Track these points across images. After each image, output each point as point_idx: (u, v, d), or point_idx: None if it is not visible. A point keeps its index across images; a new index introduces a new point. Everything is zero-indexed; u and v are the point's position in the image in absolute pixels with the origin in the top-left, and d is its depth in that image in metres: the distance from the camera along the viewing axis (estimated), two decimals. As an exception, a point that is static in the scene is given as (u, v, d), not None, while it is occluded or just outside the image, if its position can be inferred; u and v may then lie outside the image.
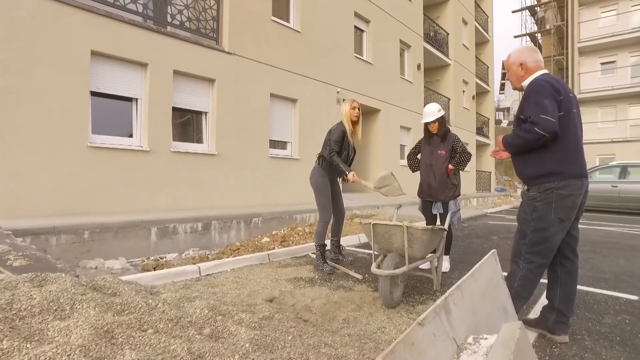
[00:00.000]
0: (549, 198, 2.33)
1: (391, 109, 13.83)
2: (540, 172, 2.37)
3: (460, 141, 4.31)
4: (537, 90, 2.33)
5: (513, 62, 2.56)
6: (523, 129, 2.32)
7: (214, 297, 2.98)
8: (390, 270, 2.96)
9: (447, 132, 4.30)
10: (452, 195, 4.20)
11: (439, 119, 4.21)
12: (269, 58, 9.25)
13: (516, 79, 2.55)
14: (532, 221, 2.39)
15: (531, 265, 2.41)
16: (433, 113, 4.21)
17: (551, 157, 2.34)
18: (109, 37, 6.50)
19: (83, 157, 6.19)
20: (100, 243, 5.41)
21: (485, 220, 9.39)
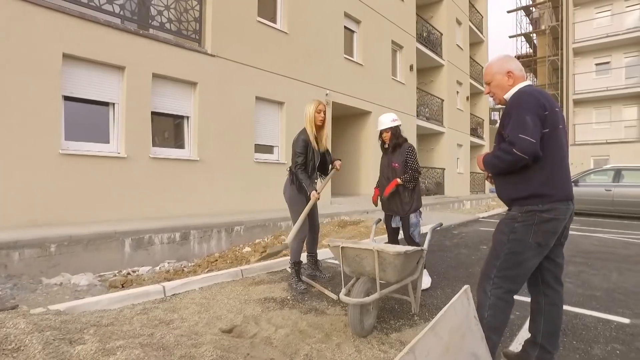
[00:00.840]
0: (529, 220, 2.12)
1: (383, 111, 13.55)
2: (523, 194, 2.15)
3: (413, 155, 4.03)
4: (518, 104, 2.11)
5: (498, 71, 2.31)
6: (501, 149, 2.10)
7: (164, 329, 2.73)
8: (360, 297, 2.72)
9: (399, 144, 4.07)
10: (409, 210, 3.98)
11: (391, 128, 4.03)
12: (254, 60, 8.99)
13: (502, 89, 2.30)
14: (508, 242, 2.16)
15: (499, 291, 2.16)
16: (385, 122, 4.05)
17: (535, 178, 2.12)
18: (82, 40, 6.23)
19: (54, 165, 5.92)
20: (69, 257, 5.14)
21: (476, 226, 9.17)
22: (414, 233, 3.96)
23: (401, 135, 4.11)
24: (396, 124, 4.05)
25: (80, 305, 3.18)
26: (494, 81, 2.32)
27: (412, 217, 3.97)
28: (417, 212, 4.01)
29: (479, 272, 4.68)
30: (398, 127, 4.08)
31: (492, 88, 2.35)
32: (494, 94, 2.35)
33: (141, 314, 3.11)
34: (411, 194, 4.00)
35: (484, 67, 2.51)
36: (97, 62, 6.47)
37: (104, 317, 2.93)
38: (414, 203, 3.99)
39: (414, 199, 3.98)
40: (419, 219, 4.00)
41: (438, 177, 17.95)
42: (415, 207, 3.99)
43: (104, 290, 4.49)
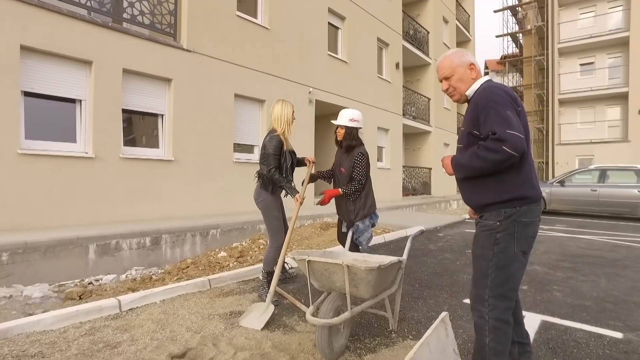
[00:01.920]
0: (510, 228, 1.94)
1: (368, 109, 13.34)
2: (502, 197, 1.95)
3: (362, 164, 3.64)
4: (496, 100, 1.90)
5: (459, 63, 2.10)
6: (486, 148, 1.86)
7: (106, 355, 2.40)
8: (328, 317, 2.43)
9: (352, 148, 3.74)
10: (354, 218, 3.71)
11: (347, 128, 3.72)
12: (233, 56, 8.64)
13: (465, 83, 2.09)
14: (493, 257, 1.95)
15: (497, 312, 1.94)
16: (344, 118, 3.72)
17: (513, 180, 1.94)
18: (42, 31, 5.81)
19: (12, 166, 5.50)
20: (25, 266, 4.75)
21: (462, 227, 8.96)
22: (360, 240, 3.69)
23: (357, 138, 3.76)
24: (354, 125, 3.71)
25: (15, 326, 2.82)
26: (455, 75, 2.10)
27: (358, 224, 3.70)
28: (364, 219, 3.72)
29: (464, 279, 4.48)
30: (355, 129, 3.74)
31: (452, 82, 2.11)
32: (454, 88, 2.12)
33: (86, 335, 2.77)
34: (356, 203, 3.71)
35: (438, 61, 2.21)
36: (61, 55, 6.06)
37: (38, 342, 2.59)
38: (360, 212, 3.70)
39: (360, 207, 3.70)
40: (367, 225, 3.72)
41: (425, 176, 17.80)
42: (362, 215, 3.70)
43: (58, 303, 4.12)
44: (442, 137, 19.28)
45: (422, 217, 10.53)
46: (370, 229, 3.75)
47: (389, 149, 14.85)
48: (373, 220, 3.80)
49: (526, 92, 28.29)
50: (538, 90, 27.11)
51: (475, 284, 2.02)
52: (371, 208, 3.75)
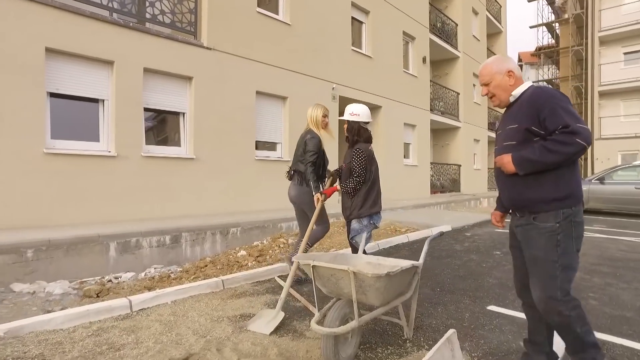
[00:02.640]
0: (568, 228, 2.03)
1: (393, 105, 13.03)
2: (560, 194, 2.03)
3: (359, 160, 3.54)
4: (558, 97, 2.03)
5: (498, 70, 2.22)
6: (559, 142, 1.93)
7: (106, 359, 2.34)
8: (334, 325, 2.28)
9: (355, 142, 3.69)
10: (349, 215, 3.62)
11: (348, 122, 3.68)
12: (253, 53, 8.58)
13: (504, 90, 2.21)
14: (559, 259, 2.03)
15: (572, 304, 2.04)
16: (347, 113, 3.69)
17: (569, 177, 2.05)
18: (66, 33, 5.92)
19: (38, 165, 5.64)
20: (48, 262, 4.85)
21: (491, 227, 8.56)
22: (356, 239, 3.56)
23: (359, 133, 3.67)
24: (354, 119, 3.63)
25: (27, 325, 2.83)
26: (493, 81, 2.22)
27: (353, 223, 3.58)
28: (361, 218, 3.55)
29: (489, 284, 4.20)
30: (357, 123, 3.65)
31: (491, 88, 2.25)
32: (493, 94, 2.25)
33: (93, 336, 2.74)
34: (354, 200, 3.57)
35: (480, 68, 2.31)
36: (84, 56, 6.16)
37: (45, 342, 2.57)
38: (355, 209, 3.54)
39: (356, 205, 3.54)
40: (362, 226, 3.55)
41: (454, 173, 17.27)
42: (357, 213, 3.54)
43: (76, 301, 4.17)
44: (472, 133, 18.64)
45: (449, 216, 10.17)
46: (369, 231, 3.54)
47: (416, 145, 14.46)
48: (373, 221, 3.60)
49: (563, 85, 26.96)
50: (576, 83, 25.78)
51: (544, 287, 2.05)
52: (371, 208, 3.55)
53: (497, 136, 2.33)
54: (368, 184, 3.57)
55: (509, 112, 2.23)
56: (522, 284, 2.27)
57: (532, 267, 2.10)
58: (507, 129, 2.17)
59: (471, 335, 2.91)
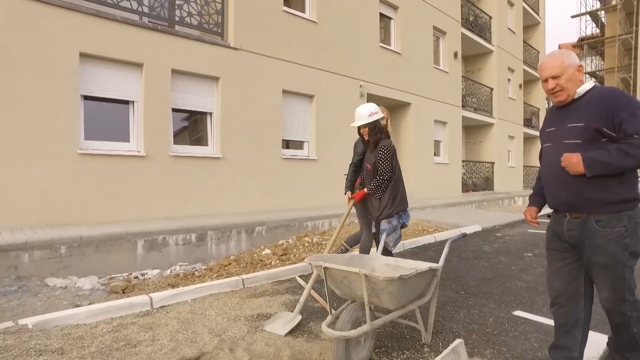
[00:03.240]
0: (633, 230, 2.01)
1: (423, 102, 12.74)
2: (626, 196, 2.01)
3: (385, 158, 3.47)
4: (635, 101, 2.01)
5: (570, 64, 2.11)
6: (635, 146, 1.90)
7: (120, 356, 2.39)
8: (346, 329, 2.22)
9: (379, 141, 3.56)
10: (379, 216, 3.51)
11: (369, 124, 3.52)
12: (280, 52, 8.61)
13: (575, 84, 2.11)
14: (627, 262, 2.02)
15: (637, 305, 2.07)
16: (363, 116, 3.52)
17: (632, 179, 2.05)
18: (99, 38, 6.15)
19: (72, 165, 5.89)
20: (80, 258, 5.06)
21: (524, 227, 8.20)
22: (387, 240, 3.45)
23: (382, 130, 3.61)
24: (375, 118, 3.52)
25: (54, 319, 2.95)
26: (565, 74, 2.09)
27: (382, 224, 3.48)
28: (390, 218, 3.47)
29: (517, 287, 4.01)
30: (378, 121, 3.56)
31: (562, 82, 2.11)
32: (562, 88, 2.11)
33: (113, 332, 2.81)
34: (382, 199, 3.49)
35: (546, 60, 2.19)
36: (115, 60, 6.38)
37: (68, 336, 2.67)
38: (384, 209, 3.46)
39: (386, 205, 3.46)
40: (393, 225, 3.47)
41: (487, 171, 16.72)
42: (387, 213, 3.46)
43: (103, 296, 4.32)
44: (506, 129, 17.97)
45: (480, 215, 9.83)
46: (399, 230, 3.47)
47: (447, 142, 14.09)
48: (403, 220, 3.52)
49: (607, 77, 25.53)
50: (623, 74, 24.33)
51: (614, 290, 2.04)
52: (399, 206, 3.49)
53: (550, 133, 2.23)
54: (393, 181, 3.50)
55: (569, 110, 2.14)
56: (564, 286, 2.21)
57: (599, 272, 2.06)
58: (568, 127, 2.09)
59: (493, 341, 2.77)
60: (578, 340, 2.19)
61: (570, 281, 2.18)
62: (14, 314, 3.68)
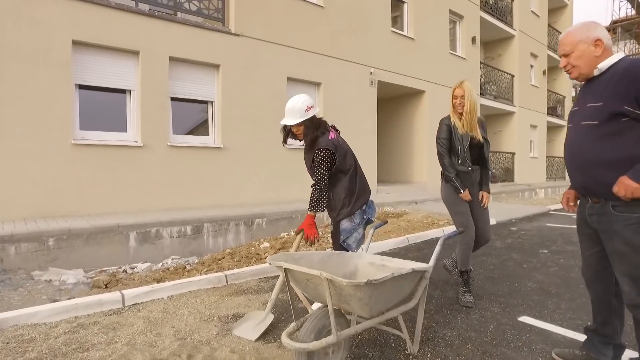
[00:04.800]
0: None
1: (439, 89, 12.20)
2: None
3: (321, 164, 2.81)
4: None
5: (582, 39, 1.96)
6: None
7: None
8: (308, 339, 1.92)
9: (316, 140, 2.85)
10: (337, 216, 2.95)
11: (304, 122, 2.84)
12: (284, 38, 8.28)
13: (587, 61, 1.96)
14: None
15: None
16: (297, 112, 2.82)
17: None
18: (92, 25, 5.96)
19: (67, 156, 5.76)
20: (69, 251, 4.91)
21: (543, 220, 7.69)
22: (348, 242, 2.96)
23: (320, 125, 2.91)
24: (312, 113, 2.87)
25: (12, 317, 2.76)
26: (575, 51, 1.98)
27: (343, 223, 2.94)
28: (351, 216, 2.93)
29: (527, 288, 3.62)
30: (314, 117, 2.90)
31: (572, 60, 2.00)
32: (573, 66, 2.01)
33: (70, 333, 2.60)
34: (334, 199, 2.94)
35: (560, 36, 2.08)
36: (110, 47, 6.19)
37: (18, 337, 2.47)
38: (342, 209, 2.92)
39: (342, 204, 2.92)
40: (355, 224, 2.96)
41: (507, 162, 16.02)
42: (345, 212, 2.91)
43: (85, 291, 4.15)
44: (528, 118, 17.15)
45: (495, 208, 9.32)
46: (361, 229, 3.00)
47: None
48: (367, 215, 3.01)
49: (640, 63, 24.03)
50: (655, 60, 22.85)
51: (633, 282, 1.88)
52: (359, 200, 2.94)
53: (574, 113, 2.10)
54: (346, 178, 2.94)
55: (590, 88, 1.99)
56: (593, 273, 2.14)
57: (618, 262, 1.92)
58: (588, 107, 1.95)
59: (491, 353, 2.42)
60: (618, 328, 2.13)
61: (600, 269, 2.09)
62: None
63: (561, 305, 3.22)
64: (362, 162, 3.70)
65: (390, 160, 12.88)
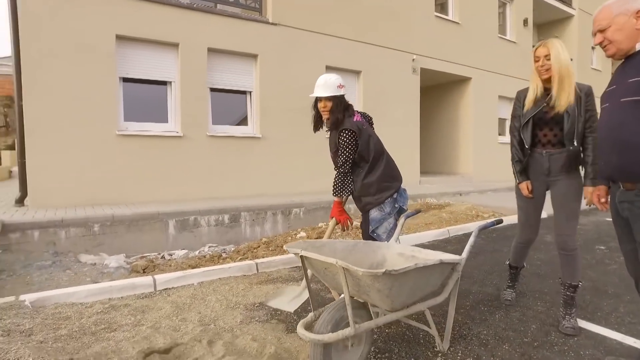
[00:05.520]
0: None
1: (486, 76, 11.56)
2: None
3: (347, 146, 2.65)
4: None
5: (622, 12, 1.79)
6: None
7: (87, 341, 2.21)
8: (325, 331, 1.82)
9: (340, 122, 2.68)
10: (365, 206, 2.77)
11: (334, 97, 2.67)
12: (323, 26, 8.14)
13: (628, 35, 1.78)
14: None
15: None
16: (329, 86, 2.66)
17: None
18: (134, 19, 6.15)
19: (111, 146, 6.01)
20: (112, 237, 5.14)
21: (601, 215, 7.04)
22: (378, 232, 2.77)
23: (348, 107, 2.75)
24: (343, 92, 2.72)
25: (53, 296, 2.89)
26: (613, 25, 1.81)
27: (372, 212, 2.76)
28: (379, 205, 2.75)
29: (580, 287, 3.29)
30: (342, 98, 2.72)
31: (608, 35, 1.83)
32: (610, 41, 1.84)
33: (101, 313, 2.67)
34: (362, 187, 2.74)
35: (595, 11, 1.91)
36: (151, 40, 6.37)
37: (55, 315, 2.58)
38: (369, 197, 2.74)
39: (370, 191, 2.73)
40: (386, 213, 2.76)
41: (562, 153, 14.93)
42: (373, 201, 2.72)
43: (125, 274, 4.31)
44: (589, 105, 15.86)
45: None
46: (391, 218, 2.79)
47: (514, 121, 12.72)
48: (399, 203, 2.82)
49: None
50: None
51: None
52: (389, 189, 2.76)
53: (610, 92, 1.90)
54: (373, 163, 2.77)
55: (631, 63, 1.81)
56: (634, 271, 2.00)
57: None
58: (629, 83, 1.77)
59: (530, 355, 2.20)
60: None
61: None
62: (38, 288, 3.76)
63: (619, 308, 2.89)
64: (404, 153, 3.54)
65: (434, 151, 12.42)
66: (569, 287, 2.57)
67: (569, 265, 2.58)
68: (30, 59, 5.46)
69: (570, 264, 2.57)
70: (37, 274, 4.21)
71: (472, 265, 4.00)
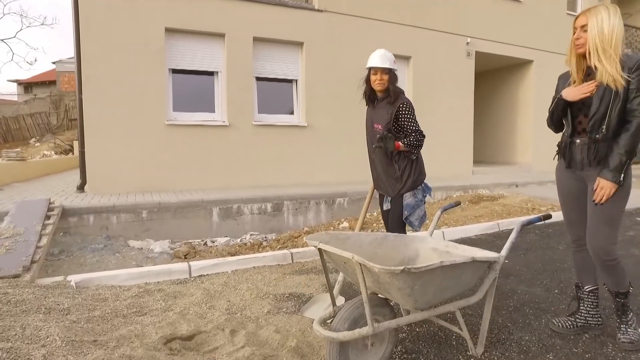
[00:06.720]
0: None
1: (549, 58, 10.61)
2: None
3: (413, 115, 2.68)
4: None
5: None
6: None
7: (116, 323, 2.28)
8: (342, 328, 1.72)
9: (398, 96, 2.69)
10: (402, 188, 2.71)
11: (391, 70, 2.66)
12: (370, 11, 7.88)
13: None
14: None
15: None
16: (385, 58, 2.66)
17: None
18: (182, 12, 6.33)
19: (160, 136, 6.27)
20: (160, 223, 5.36)
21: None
22: (411, 220, 2.70)
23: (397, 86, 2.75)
24: (396, 67, 2.73)
25: (97, 277, 3.05)
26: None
27: (406, 197, 2.71)
28: (414, 190, 2.70)
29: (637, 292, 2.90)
30: (395, 73, 2.73)
31: None
32: None
33: (136, 297, 2.76)
34: (405, 167, 2.69)
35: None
36: (198, 32, 6.52)
37: (95, 296, 2.71)
38: (408, 180, 2.69)
39: (409, 173, 2.69)
40: (419, 200, 2.72)
41: None
42: (410, 185, 2.69)
43: (168, 260, 4.48)
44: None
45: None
46: (423, 206, 2.73)
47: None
48: (426, 193, 2.77)
49: None
50: None
51: None
52: (421, 175, 2.75)
53: None
54: None
55: None
56: None
57: None
58: None
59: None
60: None
61: None
62: (89, 269, 4.02)
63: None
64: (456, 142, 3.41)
65: (489, 139, 11.70)
66: (617, 294, 2.19)
67: (609, 276, 2.16)
68: (89, 56, 5.79)
69: (610, 274, 2.14)
70: (90, 256, 4.49)
71: (521, 262, 3.68)
